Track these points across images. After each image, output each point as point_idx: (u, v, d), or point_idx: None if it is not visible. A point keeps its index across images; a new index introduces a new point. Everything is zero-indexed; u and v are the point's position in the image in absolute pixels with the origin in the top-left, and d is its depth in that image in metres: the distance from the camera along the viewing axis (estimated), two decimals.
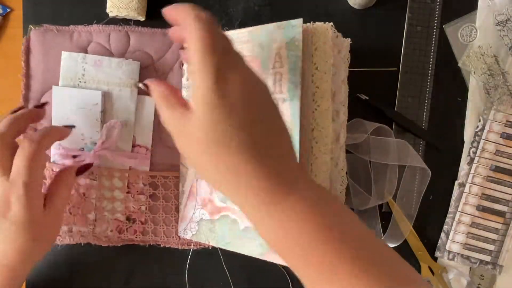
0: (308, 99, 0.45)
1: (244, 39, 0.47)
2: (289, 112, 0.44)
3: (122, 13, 0.54)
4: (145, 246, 0.56)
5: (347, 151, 0.51)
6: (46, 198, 0.46)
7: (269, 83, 0.45)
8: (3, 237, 0.43)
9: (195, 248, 0.55)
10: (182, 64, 0.54)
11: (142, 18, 0.55)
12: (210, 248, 0.55)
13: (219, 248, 0.55)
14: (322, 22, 0.46)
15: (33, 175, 0.43)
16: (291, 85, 0.44)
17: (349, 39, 0.50)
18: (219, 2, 0.57)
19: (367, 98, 0.54)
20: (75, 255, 0.56)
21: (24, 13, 0.56)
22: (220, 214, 0.49)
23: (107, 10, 0.54)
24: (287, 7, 0.57)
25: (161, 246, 0.55)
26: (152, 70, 0.54)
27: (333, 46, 0.46)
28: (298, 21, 0.44)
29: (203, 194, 0.51)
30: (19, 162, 0.43)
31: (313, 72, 0.45)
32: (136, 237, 0.55)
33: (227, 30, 0.53)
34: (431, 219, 0.57)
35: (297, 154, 0.42)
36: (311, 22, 0.46)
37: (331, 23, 0.46)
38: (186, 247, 0.55)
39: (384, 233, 0.55)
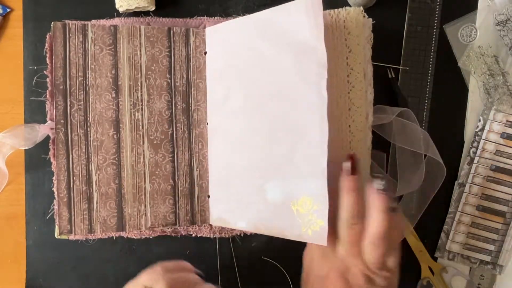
0: (343, 80, 0.49)
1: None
2: None
3: (133, 5, 0.54)
4: (177, 237, 0.56)
5: (375, 145, 0.53)
6: None
7: None
8: None
9: (225, 236, 0.56)
10: (205, 53, 0.54)
11: (152, 8, 0.55)
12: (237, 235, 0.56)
13: (232, 244, 0.56)
14: (354, 7, 0.50)
15: None
16: None
17: (371, 19, 0.52)
18: (219, 2, 0.57)
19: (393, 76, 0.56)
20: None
21: (24, 13, 0.56)
22: None
23: (117, 6, 0.54)
24: None
25: (193, 235, 0.55)
26: None
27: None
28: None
29: None
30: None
31: (347, 55, 0.49)
32: (169, 228, 0.55)
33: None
34: (431, 219, 0.57)
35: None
36: (344, 7, 0.50)
37: (361, 8, 0.50)
38: (218, 236, 0.56)
39: None
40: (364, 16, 0.51)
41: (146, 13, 0.56)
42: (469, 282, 0.57)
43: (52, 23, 0.53)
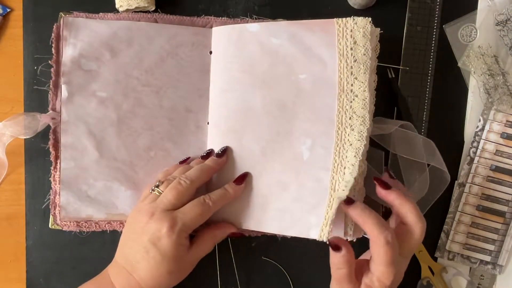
0: (347, 89, 0.49)
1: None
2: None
3: (133, 5, 0.54)
4: None
5: (373, 142, 0.52)
6: (194, 242, 0.50)
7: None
8: (147, 263, 0.47)
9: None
10: (210, 52, 0.55)
11: (152, 8, 0.55)
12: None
13: (231, 244, 0.56)
14: (362, 17, 0.49)
15: (194, 223, 0.48)
16: None
17: (379, 29, 0.51)
18: (219, 2, 0.57)
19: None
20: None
21: (24, 13, 0.56)
22: None
23: (117, 6, 0.54)
24: (287, 7, 0.57)
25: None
26: None
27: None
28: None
29: None
30: (190, 209, 0.48)
31: (352, 64, 0.49)
32: None
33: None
34: (431, 219, 0.57)
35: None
36: (351, 17, 0.49)
37: (370, 19, 0.49)
38: None
39: None
40: (371, 26, 0.49)
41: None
42: (469, 282, 0.57)
43: (60, 13, 0.54)
